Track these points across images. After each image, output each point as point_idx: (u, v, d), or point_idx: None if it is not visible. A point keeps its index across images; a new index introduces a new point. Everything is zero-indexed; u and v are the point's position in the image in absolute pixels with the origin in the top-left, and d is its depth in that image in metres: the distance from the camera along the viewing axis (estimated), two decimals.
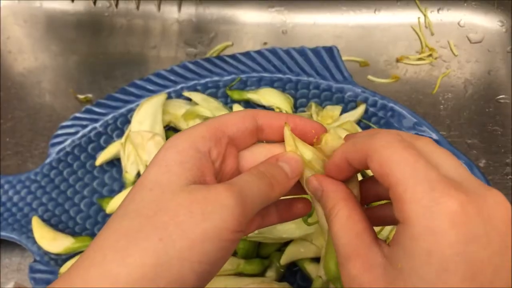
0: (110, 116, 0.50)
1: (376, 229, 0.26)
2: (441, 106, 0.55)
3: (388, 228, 0.43)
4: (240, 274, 0.42)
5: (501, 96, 0.55)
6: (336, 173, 0.27)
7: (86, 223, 0.47)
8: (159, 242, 0.22)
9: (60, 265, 0.44)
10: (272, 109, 0.50)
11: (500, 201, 0.21)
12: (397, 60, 0.58)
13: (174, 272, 0.22)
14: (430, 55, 0.58)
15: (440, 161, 0.22)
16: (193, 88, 0.51)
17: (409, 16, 0.60)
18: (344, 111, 0.49)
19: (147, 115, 0.47)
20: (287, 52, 0.52)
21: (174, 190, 0.24)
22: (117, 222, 0.24)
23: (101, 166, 0.49)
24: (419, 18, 0.60)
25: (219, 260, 0.24)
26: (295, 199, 0.31)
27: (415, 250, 0.20)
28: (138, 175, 0.46)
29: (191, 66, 0.52)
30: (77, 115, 0.50)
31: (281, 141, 0.29)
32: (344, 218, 0.25)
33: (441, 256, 0.19)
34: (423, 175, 0.21)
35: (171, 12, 0.62)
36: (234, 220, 0.23)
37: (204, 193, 0.24)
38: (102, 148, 0.49)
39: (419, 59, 0.58)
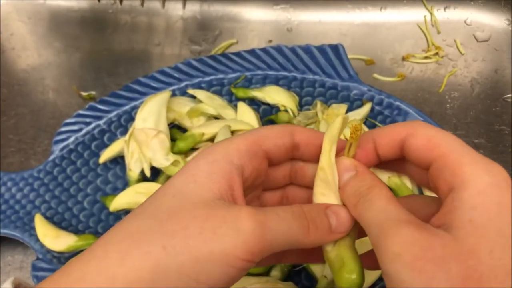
0: (113, 114, 0.50)
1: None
2: (448, 105, 0.55)
3: None
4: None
5: (508, 95, 0.55)
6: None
7: (89, 221, 0.47)
8: (162, 250, 0.22)
9: (63, 263, 0.44)
10: (277, 107, 0.49)
11: None
12: (403, 59, 0.58)
13: (171, 283, 0.21)
14: (436, 54, 0.57)
15: None
16: (198, 86, 0.50)
17: (415, 14, 0.60)
18: (349, 109, 0.49)
19: (151, 113, 0.46)
20: (292, 49, 0.51)
21: (196, 201, 0.23)
22: (129, 220, 0.24)
23: (104, 163, 0.48)
24: (425, 16, 0.59)
25: (222, 283, 0.22)
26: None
27: (483, 204, 0.20)
28: (142, 173, 0.46)
29: (195, 63, 0.51)
30: (81, 112, 0.49)
31: (316, 161, 0.26)
32: (389, 195, 0.23)
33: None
34: (469, 149, 0.22)
35: (176, 9, 0.62)
36: (246, 248, 0.22)
37: (224, 212, 0.23)
38: (105, 146, 0.49)
39: (426, 57, 0.57)
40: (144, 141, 0.45)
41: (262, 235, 0.22)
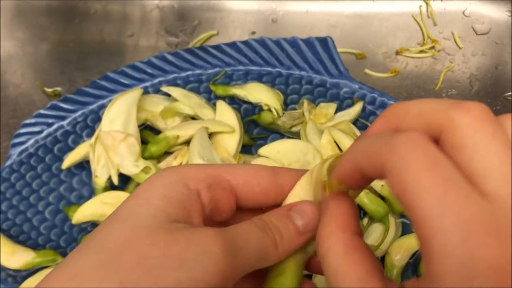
0: (79, 113, 0.45)
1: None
2: None
3: (387, 240, 0.39)
4: None
5: (509, 93, 0.52)
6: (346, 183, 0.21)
7: (51, 234, 0.42)
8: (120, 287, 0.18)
9: (20, 283, 0.40)
10: (260, 106, 0.45)
11: None
12: (397, 53, 0.55)
13: None
14: (432, 47, 0.55)
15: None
16: (173, 82, 0.46)
17: (410, 5, 0.57)
18: (339, 109, 0.45)
19: (119, 113, 0.42)
20: (277, 43, 0.47)
21: (151, 225, 0.20)
22: (73, 257, 0.20)
23: (68, 169, 0.44)
24: (420, 6, 0.56)
25: None
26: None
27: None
28: (110, 180, 0.41)
29: (170, 57, 0.47)
30: (42, 111, 0.45)
31: None
32: (341, 250, 0.19)
33: None
34: (455, 214, 0.15)
35: None
36: (218, 273, 0.19)
37: (187, 235, 0.20)
38: (70, 149, 0.44)
39: (421, 51, 0.54)
40: (111, 145, 0.41)
41: (233, 255, 0.20)
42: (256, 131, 0.46)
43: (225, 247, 0.20)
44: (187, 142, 0.43)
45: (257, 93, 0.45)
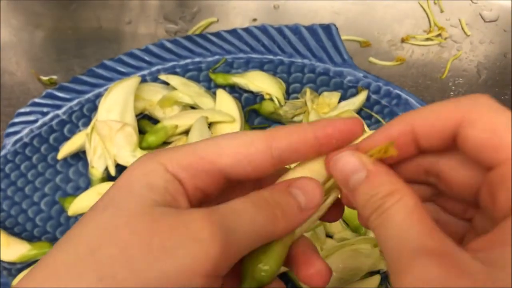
0: (75, 102, 0.44)
1: None
2: (451, 93, 0.51)
3: None
4: None
5: None
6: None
7: (47, 226, 0.41)
8: (98, 283, 0.17)
9: (14, 276, 0.39)
10: (261, 95, 0.44)
11: None
12: (403, 40, 0.53)
13: None
14: (439, 35, 0.53)
15: None
16: (171, 71, 0.45)
17: None
18: (343, 98, 0.44)
19: (116, 102, 0.41)
20: (279, 30, 0.46)
21: (133, 211, 0.18)
22: (52, 254, 0.19)
23: (64, 159, 0.43)
24: None
25: None
26: (312, 257, 0.23)
27: None
28: (106, 170, 0.40)
29: (169, 45, 0.46)
30: (37, 100, 0.43)
31: None
32: (411, 205, 0.18)
33: None
34: None
35: None
36: (209, 261, 0.18)
37: (172, 220, 0.18)
38: (66, 139, 0.43)
39: (427, 39, 0.53)
40: (107, 135, 0.40)
41: (225, 239, 0.18)
42: (257, 120, 0.45)
43: (214, 231, 0.18)
44: (186, 132, 0.42)
45: (258, 81, 0.44)
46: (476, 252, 0.16)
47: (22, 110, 0.43)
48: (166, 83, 0.44)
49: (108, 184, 0.40)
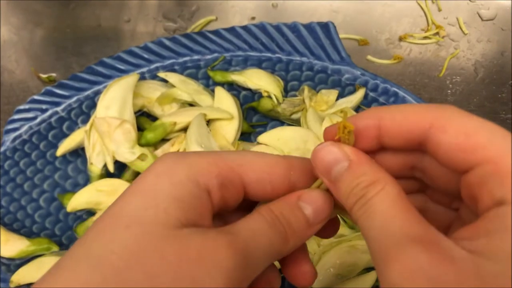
0: (74, 99, 0.44)
1: None
2: (449, 91, 0.50)
3: None
4: None
5: None
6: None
7: (46, 222, 0.42)
8: None
9: (13, 271, 0.39)
10: (259, 93, 0.44)
11: None
12: (400, 39, 0.53)
13: None
14: (437, 34, 0.53)
15: None
16: (170, 68, 0.45)
17: None
18: (340, 95, 0.44)
19: (115, 99, 0.41)
20: (277, 28, 0.46)
21: (160, 233, 0.18)
22: (69, 267, 0.18)
23: (63, 156, 0.43)
24: None
25: None
26: (301, 258, 0.23)
27: None
28: (105, 167, 0.40)
29: (168, 43, 0.46)
30: (36, 97, 0.44)
31: None
32: (395, 194, 0.18)
33: None
34: None
35: None
36: (228, 284, 0.18)
37: (199, 246, 0.18)
38: (65, 136, 0.43)
39: (425, 37, 0.53)
40: (106, 131, 0.40)
41: (246, 265, 0.19)
42: (256, 118, 0.45)
43: (238, 258, 0.18)
44: (185, 129, 0.42)
45: (256, 79, 0.44)
46: (461, 240, 0.16)
47: (21, 107, 0.44)
48: (164, 81, 0.44)
49: (107, 181, 0.40)
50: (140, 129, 0.42)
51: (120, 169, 0.41)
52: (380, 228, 0.17)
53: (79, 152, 0.43)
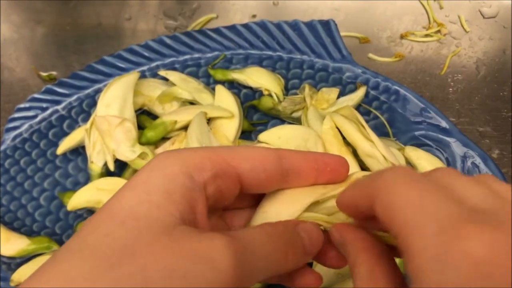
0: (74, 97, 0.44)
1: None
2: (450, 89, 0.50)
3: None
4: None
5: None
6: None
7: (46, 221, 0.41)
8: None
9: (14, 270, 0.39)
10: (260, 91, 0.44)
11: None
12: (402, 37, 0.53)
13: None
14: (438, 31, 0.53)
15: (467, 192, 0.17)
16: (171, 66, 0.45)
17: None
18: (342, 94, 0.44)
19: (115, 97, 0.41)
20: (278, 26, 0.46)
21: (155, 230, 0.18)
22: (62, 261, 0.18)
23: (64, 154, 0.43)
24: None
25: None
26: (304, 269, 0.24)
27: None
28: (105, 165, 0.40)
29: (168, 41, 0.46)
30: (36, 96, 0.44)
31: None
32: (366, 274, 0.19)
33: None
34: (430, 214, 0.16)
35: None
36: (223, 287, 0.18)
37: (193, 244, 0.18)
38: (65, 134, 0.43)
39: (426, 35, 0.53)
40: (106, 130, 0.40)
41: (242, 271, 0.18)
42: (256, 116, 0.44)
43: (233, 262, 0.18)
44: (185, 128, 0.41)
45: (257, 77, 0.44)
46: None
47: (22, 105, 0.43)
48: (165, 79, 0.44)
49: (107, 180, 0.40)
50: (140, 127, 0.42)
51: (120, 167, 0.41)
52: None
53: (79, 151, 0.43)
